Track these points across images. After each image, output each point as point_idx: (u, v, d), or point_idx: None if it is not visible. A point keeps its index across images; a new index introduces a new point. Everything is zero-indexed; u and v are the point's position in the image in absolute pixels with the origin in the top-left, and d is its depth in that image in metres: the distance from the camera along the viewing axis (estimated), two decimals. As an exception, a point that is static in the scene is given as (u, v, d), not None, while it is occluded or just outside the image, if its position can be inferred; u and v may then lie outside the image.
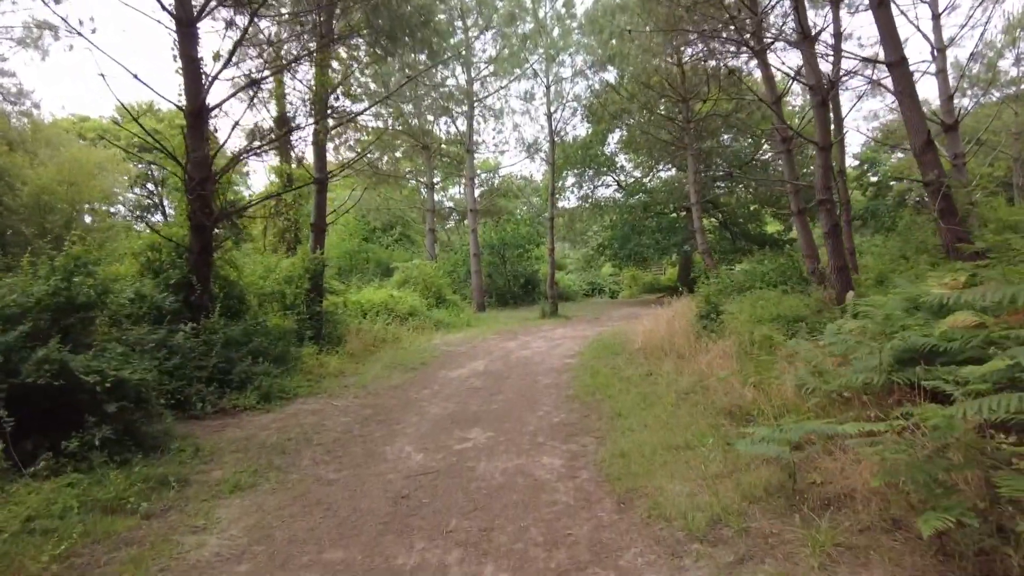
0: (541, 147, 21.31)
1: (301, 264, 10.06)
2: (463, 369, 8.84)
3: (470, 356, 10.12)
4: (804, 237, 12.54)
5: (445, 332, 13.60)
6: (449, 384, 7.74)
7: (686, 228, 26.09)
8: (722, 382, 5.46)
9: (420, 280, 16.14)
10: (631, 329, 11.26)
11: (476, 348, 11.12)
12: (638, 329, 10.17)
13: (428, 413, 6.18)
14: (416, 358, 9.79)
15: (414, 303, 13.84)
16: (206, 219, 7.24)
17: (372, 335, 11.10)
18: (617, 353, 8.99)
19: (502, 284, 24.19)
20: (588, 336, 12.45)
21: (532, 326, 15.39)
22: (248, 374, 6.71)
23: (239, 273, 8.24)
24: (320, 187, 10.49)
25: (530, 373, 8.29)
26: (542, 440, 4.94)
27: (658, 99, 17.81)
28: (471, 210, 20.28)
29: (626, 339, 10.10)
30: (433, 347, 11.13)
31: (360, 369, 8.79)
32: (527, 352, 10.41)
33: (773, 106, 12.30)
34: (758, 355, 5.31)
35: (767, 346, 7.10)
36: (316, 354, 8.92)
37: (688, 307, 11.00)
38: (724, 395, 5.18)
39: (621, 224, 26.70)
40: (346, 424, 5.82)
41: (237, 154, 7.41)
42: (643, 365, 7.72)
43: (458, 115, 21.33)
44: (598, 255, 27.79)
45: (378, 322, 12.12)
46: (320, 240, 10.54)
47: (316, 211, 10.56)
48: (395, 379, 8.13)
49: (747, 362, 4.90)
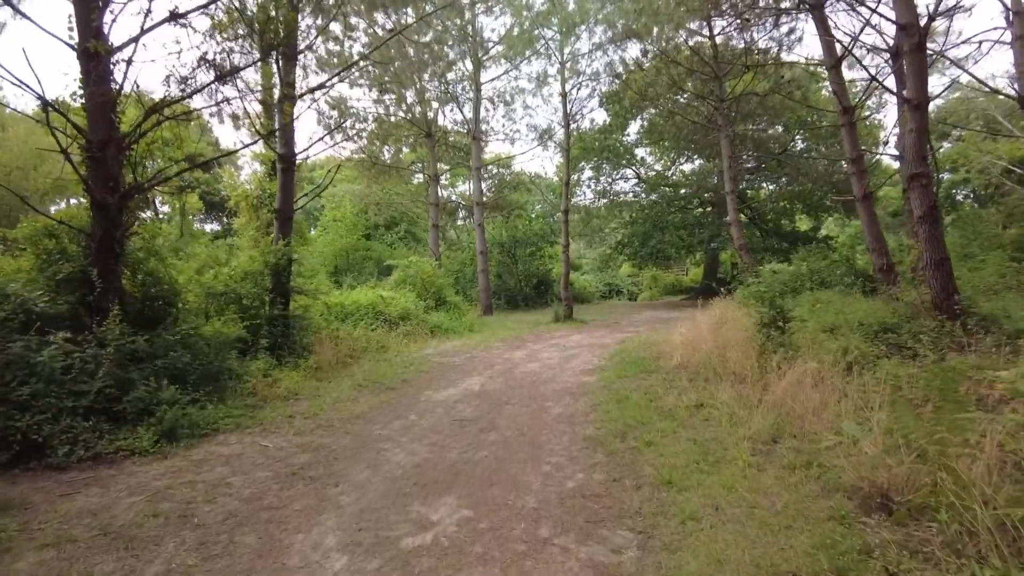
0: (555, 133, 19.37)
1: (261, 258, 8.29)
2: (453, 389, 6.96)
3: (465, 370, 8.24)
4: (870, 227, 10.45)
5: (443, 339, 11.74)
6: (430, 413, 5.86)
7: (714, 223, 23.93)
8: (839, 437, 3.48)
9: (418, 280, 14.32)
10: (662, 338, 9.27)
11: (475, 359, 9.23)
12: (672, 339, 8.19)
13: (386, 464, 4.30)
14: (398, 373, 7.94)
15: (408, 305, 12.02)
16: (108, 194, 5.47)
17: (351, 344, 9.29)
18: (649, 370, 7.03)
19: (512, 285, 22.29)
20: (608, 345, 10.48)
21: (543, 332, 13.47)
22: (149, 402, 4.91)
23: (165, 266, 6.46)
24: (286, 166, 8.71)
25: (537, 396, 6.37)
26: (547, 534, 3.02)
27: (687, 76, 15.79)
28: (477, 203, 18.43)
29: (658, 351, 8.12)
30: (423, 358, 9.26)
31: (322, 389, 6.95)
32: (535, 365, 8.49)
33: (831, 71, 10.28)
34: (941, 403, 3.26)
35: (863, 363, 5.12)
36: (269, 369, 7.12)
37: (732, 311, 9.00)
38: (845, 458, 3.20)
39: (642, 220, 24.61)
40: (261, 483, 3.96)
41: (153, 107, 5.65)
42: (688, 390, 5.75)
43: (464, 101, 19.52)
44: (616, 254, 25.72)
45: (360, 327, 10.31)
46: (286, 229, 8.75)
47: (281, 195, 8.77)
48: (362, 404, 6.27)
49: (902, 411, 2.93)
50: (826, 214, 26.83)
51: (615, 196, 26.34)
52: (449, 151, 21.99)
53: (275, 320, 8.02)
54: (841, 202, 24.03)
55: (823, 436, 3.61)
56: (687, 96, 16.53)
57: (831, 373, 4.86)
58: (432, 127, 20.23)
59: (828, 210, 25.97)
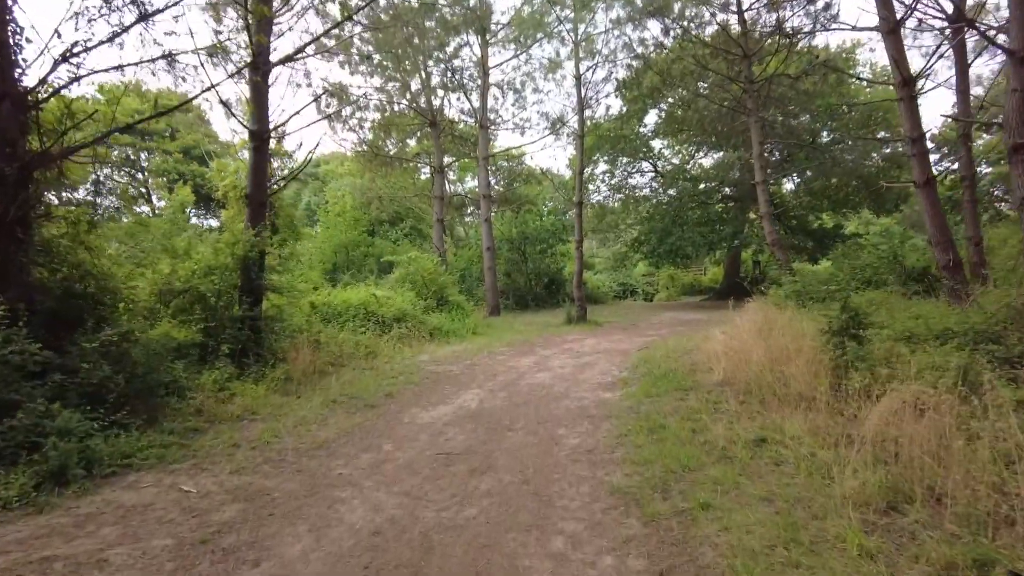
0: (568, 120, 18.09)
1: (228, 249, 7.14)
2: (445, 407, 5.75)
3: (463, 382, 7.02)
4: (933, 217, 9.03)
5: (442, 343, 10.54)
6: (411, 441, 4.65)
7: (736, 219, 22.48)
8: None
9: (418, 277, 13.13)
10: (692, 345, 7.99)
11: (475, 368, 8.02)
12: (708, 347, 6.90)
13: (336, 527, 3.10)
14: (383, 385, 6.74)
15: (404, 305, 10.83)
16: (5, 164, 4.33)
17: (334, 349, 8.13)
18: (684, 387, 5.74)
19: (523, 284, 21.04)
20: (628, 352, 9.22)
21: (554, 335, 12.22)
22: (35, 431, 3.75)
23: (95, 258, 5.31)
24: (258, 144, 7.56)
25: (546, 419, 5.14)
26: None
27: (713, 57, 14.43)
28: (484, 196, 17.20)
29: (691, 362, 6.83)
30: (416, 366, 8.07)
31: (286, 406, 5.77)
32: (545, 376, 7.25)
33: (888, 36, 8.93)
34: None
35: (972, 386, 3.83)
36: (227, 381, 5.96)
37: (775, 314, 7.70)
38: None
39: (659, 216, 23.22)
40: (150, 562, 2.77)
41: (63, 56, 4.48)
42: (741, 417, 4.48)
43: (472, 88, 18.31)
44: (633, 252, 24.33)
45: (348, 330, 9.15)
46: (257, 217, 7.59)
47: (252, 177, 7.61)
48: (330, 427, 5.08)
49: None
50: (851, 211, 25.20)
51: (631, 191, 24.98)
52: (455, 143, 20.80)
53: (241, 322, 6.86)
54: (875, 195, 22.53)
55: (978, 505, 2.33)
56: (712, 79, 15.15)
57: (938, 399, 3.57)
58: (437, 116, 19.06)
59: (855, 206, 24.44)
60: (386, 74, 18.90)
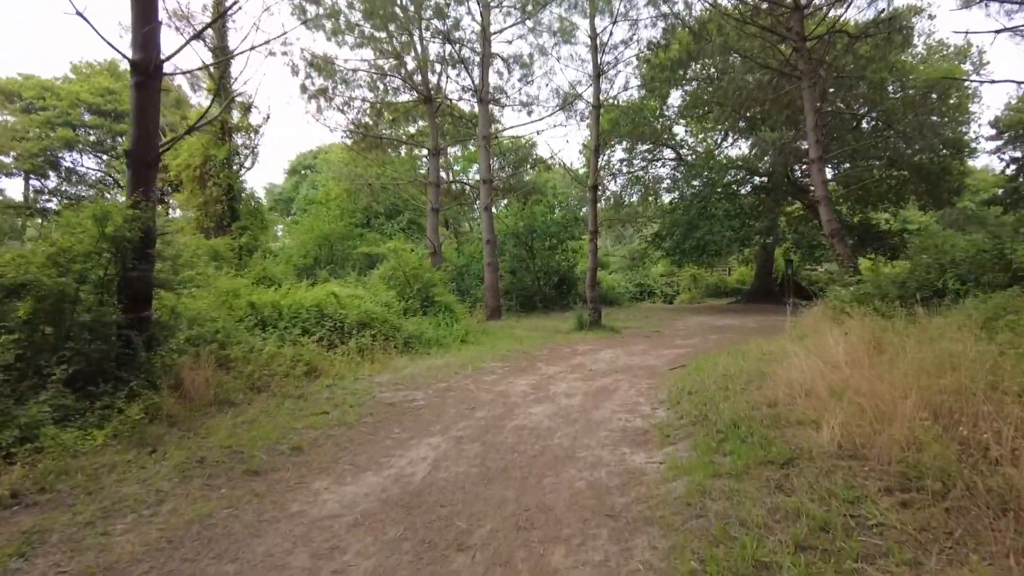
0: (582, 93, 15.73)
1: (93, 227, 4.96)
2: (370, 480, 3.50)
3: (420, 424, 4.78)
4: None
5: (417, 356, 8.33)
6: (268, 573, 2.42)
7: (772, 211, 19.93)
8: None
9: (399, 272, 10.93)
10: (754, 367, 5.63)
11: (448, 396, 5.77)
12: (789, 375, 4.54)
13: None
14: (295, 430, 4.51)
15: (371, 308, 8.61)
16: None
17: (255, 368, 5.93)
18: (776, 458, 3.33)
19: (529, 283, 18.72)
20: (658, 370, 6.94)
21: (562, 344, 9.95)
22: None
23: None
24: (141, 80, 5.35)
25: (533, 520, 2.87)
26: None
27: (756, 14, 12.05)
28: (484, 181, 14.93)
29: (767, 398, 4.45)
30: (365, 393, 5.83)
31: (120, 471, 3.56)
32: (543, 413, 4.98)
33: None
34: None
35: None
36: (37, 425, 3.79)
37: (878, 327, 5.37)
38: None
39: (684, 208, 20.77)
40: None
41: None
42: (916, 551, 2.18)
43: (472, 62, 16.07)
44: (653, 248, 21.88)
45: (289, 340, 6.95)
46: (142, 180, 5.37)
47: (135, 127, 5.36)
48: (152, 526, 2.86)
49: None
50: (892, 205, 22.41)
51: (651, 182, 22.56)
52: (455, 124, 18.57)
53: (91, 331, 4.68)
54: (932, 186, 19.81)
55: None
56: (753, 42, 12.72)
57: None
58: (433, 92, 16.85)
59: (898, 199, 21.76)
60: (379, 47, 16.77)
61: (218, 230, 11.78)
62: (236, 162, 12.04)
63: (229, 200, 11.84)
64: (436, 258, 16.31)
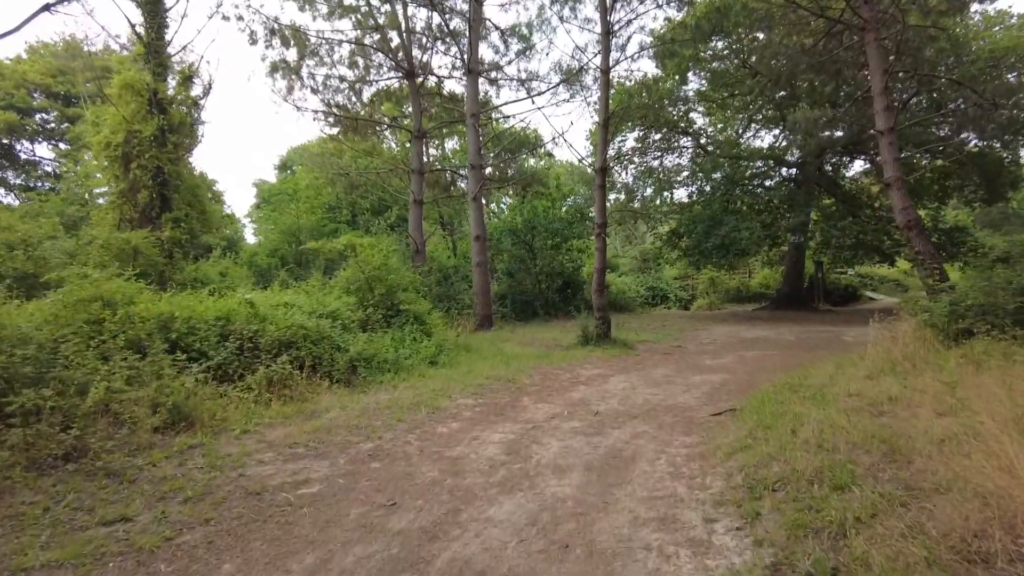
0: (589, 69, 13.50)
1: None
2: None
3: (278, 551, 2.55)
4: None
5: (359, 388, 6.12)
6: None
7: (804, 207, 17.51)
8: None
9: (359, 275, 8.73)
10: (873, 428, 3.37)
11: (361, 474, 3.55)
12: (984, 468, 2.30)
13: None
14: (34, 570, 2.33)
15: (303, 321, 6.41)
16: None
17: (80, 418, 3.75)
18: None
19: (529, 286, 16.44)
20: (693, 411, 4.71)
21: (561, 367, 7.72)
22: None
23: None
24: None
25: None
26: None
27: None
28: (472, 166, 12.73)
29: (938, 518, 2.24)
30: (231, 466, 3.64)
31: None
32: (511, 519, 2.73)
33: None
34: None
35: None
36: None
37: None
38: None
39: (704, 202, 18.43)
40: None
41: None
42: None
43: (462, 31, 13.90)
44: (669, 247, 19.56)
45: (152, 371, 4.76)
46: None
47: None
48: None
49: None
50: (938, 202, 19.88)
51: (666, 174, 20.22)
52: (443, 107, 16.39)
53: None
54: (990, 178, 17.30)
55: None
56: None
57: None
58: (418, 68, 14.70)
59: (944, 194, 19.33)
60: (355, 15, 14.66)
61: (145, 221, 9.67)
62: (170, 140, 9.92)
63: (159, 186, 9.72)
64: (419, 257, 14.15)
